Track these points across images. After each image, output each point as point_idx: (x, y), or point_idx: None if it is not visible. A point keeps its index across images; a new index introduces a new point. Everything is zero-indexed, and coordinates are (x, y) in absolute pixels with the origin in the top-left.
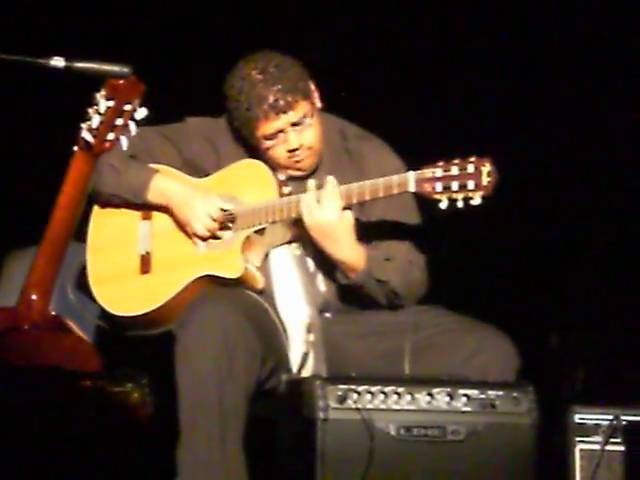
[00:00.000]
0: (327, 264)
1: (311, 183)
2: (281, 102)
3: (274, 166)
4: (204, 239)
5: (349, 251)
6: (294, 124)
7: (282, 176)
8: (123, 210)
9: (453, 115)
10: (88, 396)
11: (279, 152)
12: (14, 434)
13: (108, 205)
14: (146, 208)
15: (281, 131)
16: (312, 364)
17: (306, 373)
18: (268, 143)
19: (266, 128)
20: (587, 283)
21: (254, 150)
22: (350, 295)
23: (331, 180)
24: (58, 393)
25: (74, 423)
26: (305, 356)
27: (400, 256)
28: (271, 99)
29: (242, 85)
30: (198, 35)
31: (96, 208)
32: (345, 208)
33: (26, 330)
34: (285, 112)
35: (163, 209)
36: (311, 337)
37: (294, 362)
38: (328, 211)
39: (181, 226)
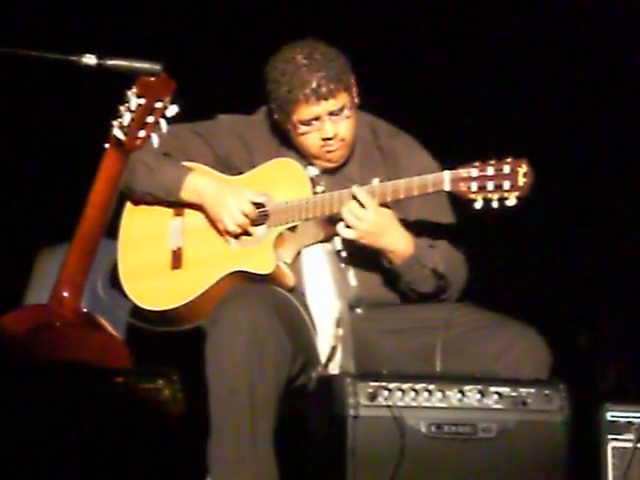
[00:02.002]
0: (361, 254)
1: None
2: (323, 89)
3: (305, 154)
4: (235, 236)
5: (399, 238)
6: (331, 113)
7: (315, 170)
8: (155, 206)
9: (485, 116)
10: (119, 393)
11: (312, 139)
12: (45, 430)
13: (141, 202)
14: (179, 205)
15: (317, 118)
16: (340, 358)
17: (333, 367)
18: (303, 128)
19: (304, 113)
20: (619, 279)
21: (286, 143)
22: (384, 283)
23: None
24: (89, 390)
25: (105, 420)
26: (333, 350)
27: (443, 245)
28: (314, 84)
29: (286, 67)
30: (229, 32)
31: (129, 204)
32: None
33: (58, 327)
34: (326, 99)
35: (196, 207)
36: (340, 331)
37: (322, 356)
38: (368, 213)
39: (213, 223)
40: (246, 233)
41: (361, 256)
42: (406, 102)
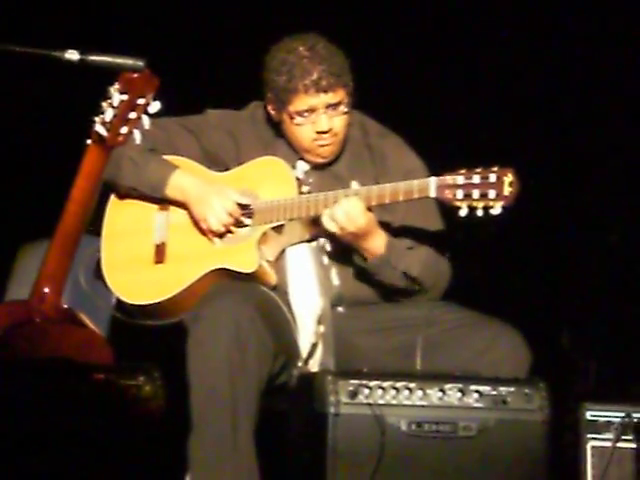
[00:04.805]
0: (344, 253)
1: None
2: (324, 82)
3: (296, 148)
4: (219, 235)
5: (374, 238)
6: (328, 107)
7: (305, 165)
8: (141, 200)
9: (474, 123)
10: (100, 389)
11: (306, 132)
12: (25, 427)
13: (126, 196)
14: (164, 200)
15: (313, 111)
16: (320, 355)
17: (313, 364)
18: (298, 120)
19: (301, 103)
20: (600, 279)
21: (275, 140)
22: (365, 283)
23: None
24: (70, 386)
25: (86, 416)
26: (314, 347)
27: (425, 247)
28: (315, 75)
29: (287, 57)
30: (216, 27)
31: (113, 197)
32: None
33: (38, 323)
34: (325, 92)
35: (180, 204)
36: (321, 328)
37: (303, 353)
38: (359, 219)
39: (197, 222)
40: (230, 231)
41: (345, 256)
42: (396, 105)
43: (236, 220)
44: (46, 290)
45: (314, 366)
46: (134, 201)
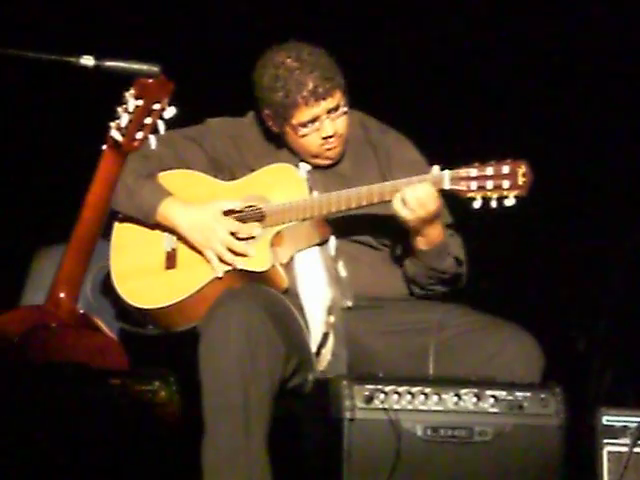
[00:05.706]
0: (352, 250)
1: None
2: (320, 89)
3: (302, 155)
4: (225, 261)
5: (437, 224)
6: (329, 111)
7: (307, 167)
8: None
9: (484, 119)
10: (115, 394)
11: (312, 140)
12: (41, 432)
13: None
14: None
15: (316, 119)
16: (332, 344)
17: (326, 353)
18: (303, 131)
19: (304, 115)
20: (615, 284)
21: (278, 144)
22: (380, 282)
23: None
24: (86, 391)
25: (102, 421)
26: (325, 336)
27: (457, 237)
28: (311, 85)
29: (277, 72)
30: (222, 34)
31: None
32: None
33: (54, 328)
34: (324, 98)
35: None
36: (331, 318)
37: (314, 342)
38: (429, 205)
39: (200, 252)
40: (237, 253)
41: (353, 253)
42: (403, 104)
43: (239, 237)
44: (62, 295)
45: (327, 355)
46: None
